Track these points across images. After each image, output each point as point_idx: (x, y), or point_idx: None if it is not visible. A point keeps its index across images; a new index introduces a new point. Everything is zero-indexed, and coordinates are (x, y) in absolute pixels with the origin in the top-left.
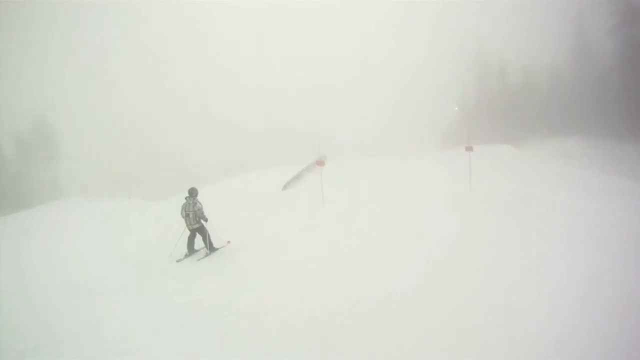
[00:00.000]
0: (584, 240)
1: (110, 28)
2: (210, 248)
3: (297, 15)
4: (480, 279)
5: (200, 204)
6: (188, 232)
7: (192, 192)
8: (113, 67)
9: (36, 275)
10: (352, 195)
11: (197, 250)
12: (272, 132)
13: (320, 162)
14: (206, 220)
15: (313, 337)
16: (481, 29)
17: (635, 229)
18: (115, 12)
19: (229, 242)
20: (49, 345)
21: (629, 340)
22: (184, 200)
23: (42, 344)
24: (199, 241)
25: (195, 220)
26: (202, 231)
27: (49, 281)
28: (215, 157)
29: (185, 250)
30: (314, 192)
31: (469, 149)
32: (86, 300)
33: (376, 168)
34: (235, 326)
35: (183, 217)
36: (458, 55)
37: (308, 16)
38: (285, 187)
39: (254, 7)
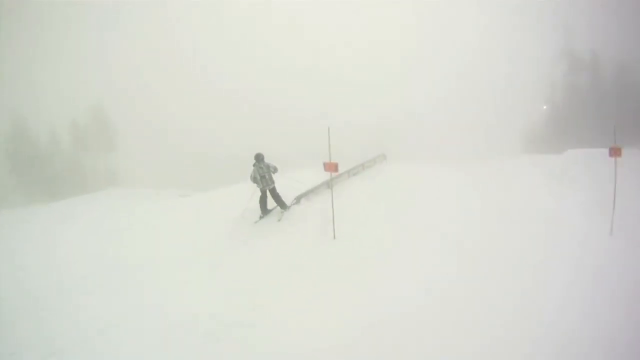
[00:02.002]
0: None
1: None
2: (284, 206)
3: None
4: None
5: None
6: (257, 196)
7: (259, 157)
8: (165, 62)
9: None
10: (386, 225)
11: (269, 210)
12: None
13: (330, 166)
14: (277, 170)
15: None
16: (567, 17)
17: None
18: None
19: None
20: None
21: None
22: (252, 167)
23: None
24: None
25: (271, 180)
26: (276, 191)
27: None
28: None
29: (259, 212)
30: (329, 216)
31: (616, 151)
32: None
33: (437, 177)
34: None
35: (257, 180)
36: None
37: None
38: (290, 205)
39: None
